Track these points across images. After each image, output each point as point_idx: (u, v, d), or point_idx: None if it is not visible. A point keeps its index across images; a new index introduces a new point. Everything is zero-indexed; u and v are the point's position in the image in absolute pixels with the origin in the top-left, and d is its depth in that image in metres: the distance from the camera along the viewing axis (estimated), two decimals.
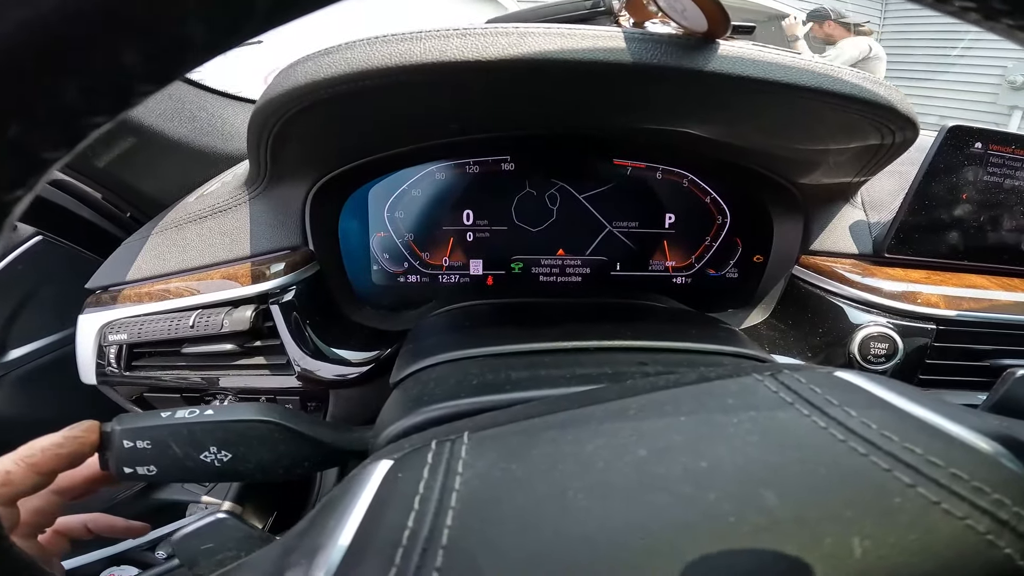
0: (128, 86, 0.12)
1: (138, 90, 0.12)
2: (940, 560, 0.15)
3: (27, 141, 0.11)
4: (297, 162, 0.49)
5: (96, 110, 0.12)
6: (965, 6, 0.14)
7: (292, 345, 0.51)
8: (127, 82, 0.11)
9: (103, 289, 0.56)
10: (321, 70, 0.33)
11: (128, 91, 0.12)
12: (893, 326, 0.52)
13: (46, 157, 0.12)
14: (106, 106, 0.12)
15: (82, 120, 0.12)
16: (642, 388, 0.24)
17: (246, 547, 0.28)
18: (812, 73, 0.35)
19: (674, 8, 0.31)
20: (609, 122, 0.50)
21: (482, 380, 0.31)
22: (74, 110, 0.11)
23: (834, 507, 0.16)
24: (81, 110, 0.12)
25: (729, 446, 0.19)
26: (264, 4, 0.11)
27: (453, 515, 0.17)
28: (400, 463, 0.21)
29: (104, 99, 0.12)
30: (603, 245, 0.61)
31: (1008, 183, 0.55)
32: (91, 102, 0.11)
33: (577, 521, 0.17)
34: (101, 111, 0.12)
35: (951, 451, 0.18)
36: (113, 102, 0.12)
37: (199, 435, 0.30)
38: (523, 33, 0.32)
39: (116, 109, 0.12)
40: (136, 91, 0.12)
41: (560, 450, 0.20)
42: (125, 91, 0.12)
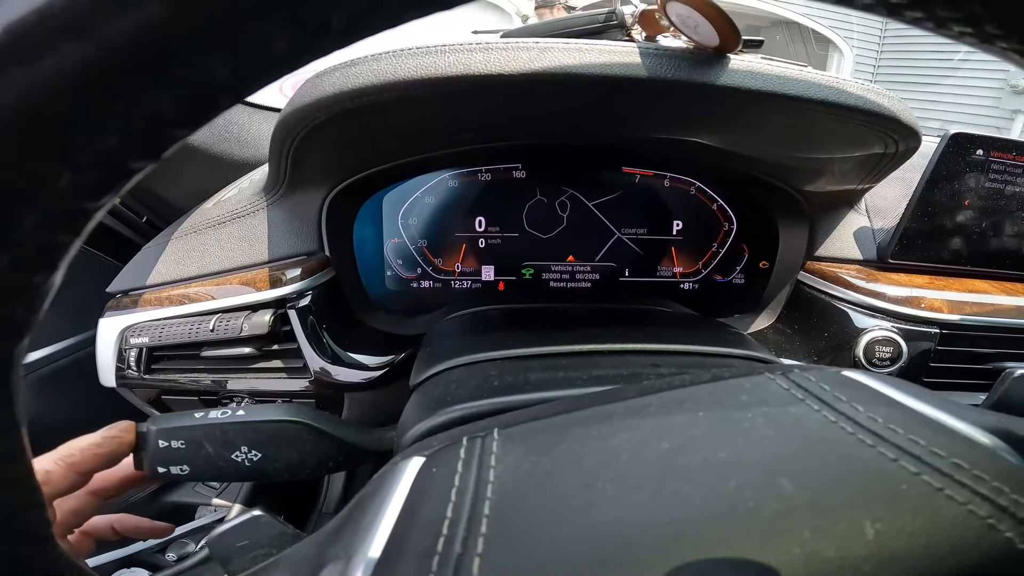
0: (214, 98, 0.12)
1: (221, 104, 0.13)
2: (945, 542, 0.16)
3: (121, 151, 0.12)
4: (316, 170, 0.51)
5: (185, 122, 0.13)
6: (962, 31, 0.15)
7: (308, 349, 0.52)
8: (214, 95, 0.12)
9: (124, 293, 0.57)
10: (348, 81, 0.35)
11: (213, 104, 0.13)
12: (897, 330, 0.53)
13: (134, 167, 0.13)
14: (192, 118, 0.13)
15: (171, 131, 0.13)
16: (660, 387, 0.25)
17: (278, 545, 0.29)
18: (819, 86, 0.36)
19: (686, 24, 0.32)
20: (621, 132, 0.52)
21: (503, 381, 0.32)
22: (165, 121, 0.12)
23: (846, 493, 0.17)
24: (172, 121, 0.12)
25: (745, 439, 0.20)
26: (338, 24, 0.12)
27: (490, 505, 0.18)
28: (433, 459, 0.22)
29: (192, 111, 0.12)
30: (612, 251, 0.63)
31: (1009, 189, 0.56)
32: (181, 113, 0.12)
33: (605, 510, 0.18)
34: (188, 123, 0.13)
35: (953, 443, 0.19)
36: (199, 114, 0.13)
37: (231, 435, 0.31)
38: (543, 48, 0.34)
39: (200, 121, 0.13)
40: (219, 104, 0.13)
41: (586, 445, 0.21)
42: (211, 103, 0.12)
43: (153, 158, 0.13)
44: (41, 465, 0.29)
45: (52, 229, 0.13)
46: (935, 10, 0.14)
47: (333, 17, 0.12)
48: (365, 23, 0.13)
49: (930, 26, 0.15)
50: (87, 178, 0.13)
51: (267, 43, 0.12)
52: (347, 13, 0.12)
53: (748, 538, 0.16)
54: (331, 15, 0.12)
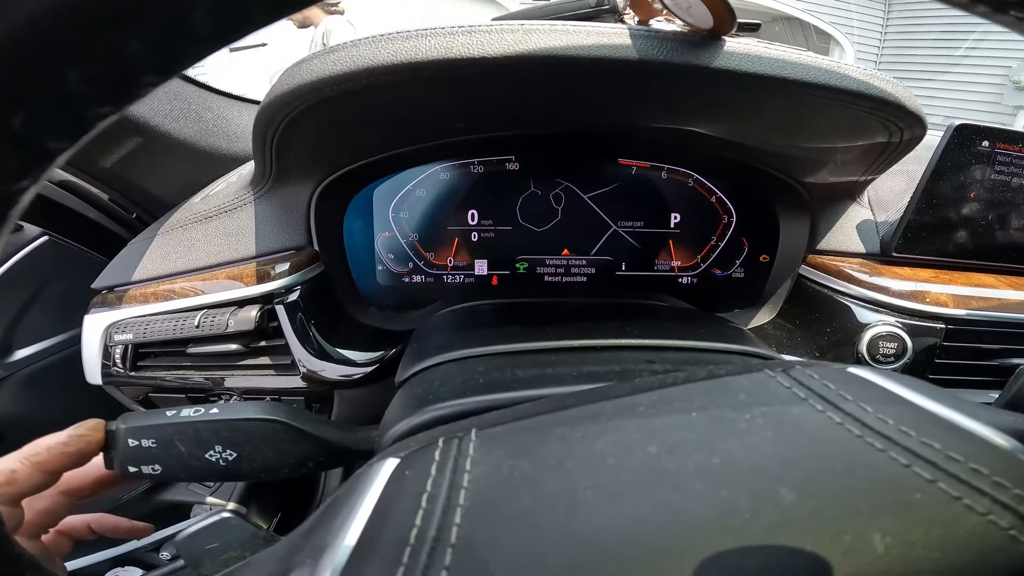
0: (133, 77, 0.12)
1: (143, 81, 0.12)
2: (964, 556, 0.15)
3: (33, 131, 0.11)
4: (302, 162, 0.50)
5: (101, 100, 0.12)
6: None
7: (297, 345, 0.51)
8: (132, 73, 0.11)
9: (109, 289, 0.56)
10: (327, 68, 0.34)
11: (133, 82, 0.12)
12: (902, 325, 0.52)
13: (51, 147, 0.12)
14: (111, 97, 0.12)
15: (87, 111, 0.12)
16: (651, 385, 0.24)
17: (251, 547, 0.28)
18: (819, 69, 0.35)
19: (679, 5, 0.31)
20: (615, 120, 0.50)
21: (488, 378, 0.31)
22: (79, 100, 0.11)
23: (853, 503, 0.16)
24: (86, 100, 0.11)
25: (742, 442, 0.18)
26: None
27: (462, 513, 0.17)
28: (407, 461, 0.21)
29: (109, 89, 0.12)
30: (608, 245, 0.61)
31: (1016, 181, 0.55)
32: (96, 92, 0.11)
33: (587, 519, 0.16)
34: (106, 102, 0.12)
35: (970, 447, 0.17)
36: (118, 93, 0.12)
37: (204, 434, 0.30)
38: (528, 30, 0.32)
39: (121, 100, 0.12)
40: (141, 82, 0.12)
41: (569, 447, 0.20)
42: (130, 82, 0.12)
43: (71, 140, 0.12)
44: (6, 464, 0.28)
45: None
46: None
47: None
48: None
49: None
50: (2, 162, 0.12)
51: (186, 18, 0.11)
52: None
53: (742, 551, 0.15)
54: None
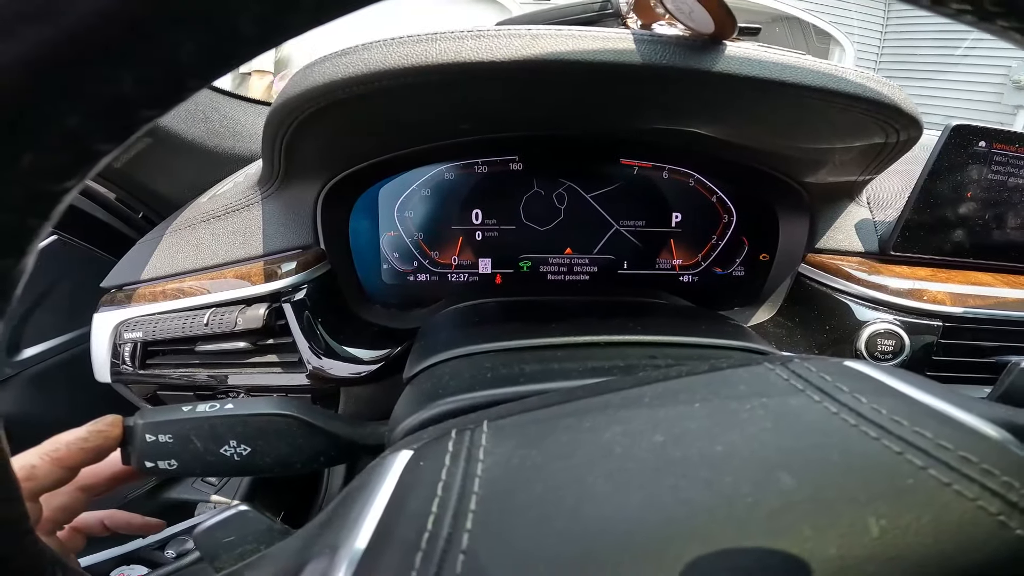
0: (181, 80, 0.12)
1: (189, 85, 0.12)
2: (954, 539, 0.15)
3: (84, 131, 0.12)
4: (310, 162, 0.50)
5: (150, 103, 0.12)
6: (961, 8, 0.14)
7: (304, 343, 0.52)
8: (181, 76, 0.12)
9: (118, 288, 0.57)
10: (339, 70, 0.34)
11: (181, 85, 0.12)
12: (900, 323, 0.53)
13: (100, 148, 0.13)
14: (159, 99, 0.12)
15: (136, 113, 0.12)
16: (655, 378, 0.24)
17: (266, 540, 0.28)
18: (817, 73, 0.35)
19: (681, 10, 0.31)
20: (618, 122, 0.51)
21: (496, 374, 0.31)
22: (130, 102, 0.12)
23: (849, 488, 0.16)
24: (136, 103, 0.12)
25: (743, 431, 0.19)
26: (309, 1, 0.12)
27: (476, 500, 0.18)
28: (421, 452, 0.22)
29: (158, 92, 0.12)
30: (610, 244, 0.62)
31: (1012, 181, 0.55)
32: (146, 95, 0.12)
33: (597, 505, 0.17)
34: (154, 104, 0.12)
35: (960, 436, 0.18)
36: (166, 96, 0.12)
37: (220, 429, 0.31)
38: (535, 35, 0.33)
39: (168, 103, 0.12)
40: (188, 86, 0.12)
41: (578, 437, 0.20)
42: (178, 85, 0.12)
43: (118, 141, 0.13)
44: (26, 460, 0.29)
45: (18, 212, 0.12)
46: None
47: None
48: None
49: (926, 3, 0.14)
50: (51, 160, 0.12)
51: (234, 22, 0.12)
52: None
53: (746, 535, 0.15)
54: None
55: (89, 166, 0.13)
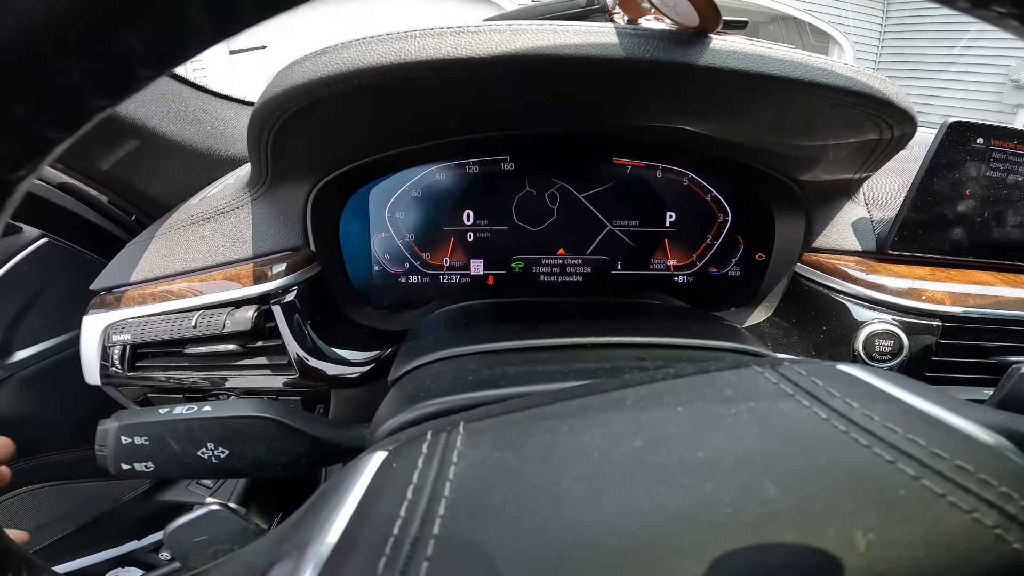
0: (131, 71, 0.12)
1: (140, 75, 0.12)
2: (947, 554, 0.14)
3: (33, 121, 0.12)
4: (298, 163, 0.50)
5: (100, 94, 0.12)
6: None
7: (293, 345, 0.51)
8: (130, 67, 0.12)
9: (107, 290, 0.56)
10: (318, 69, 0.34)
11: (131, 76, 0.12)
12: (898, 323, 0.52)
13: (51, 138, 0.12)
14: (109, 90, 0.12)
15: (86, 103, 0.12)
16: (640, 380, 0.24)
17: (239, 540, 0.28)
18: (805, 66, 0.35)
19: (666, 3, 0.31)
20: (606, 119, 0.50)
21: (478, 376, 0.31)
22: (79, 92, 0.12)
23: (836, 499, 0.16)
24: (86, 93, 0.12)
25: (728, 436, 0.18)
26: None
27: (446, 504, 0.17)
28: (395, 454, 0.21)
29: (107, 83, 0.12)
30: (604, 244, 0.61)
31: (1011, 179, 0.55)
32: (95, 85, 0.12)
33: (571, 511, 0.16)
34: (105, 95, 0.12)
35: (956, 444, 0.17)
36: (116, 86, 0.12)
37: (196, 431, 0.30)
38: (516, 30, 0.32)
39: (119, 94, 0.12)
40: (139, 76, 0.12)
41: (556, 440, 0.20)
42: (128, 76, 0.12)
43: (69, 131, 0.13)
44: None
45: None
46: None
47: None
48: None
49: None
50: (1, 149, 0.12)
51: (183, 14, 0.11)
52: None
53: (723, 546, 0.15)
54: None
55: (41, 156, 0.13)
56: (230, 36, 0.13)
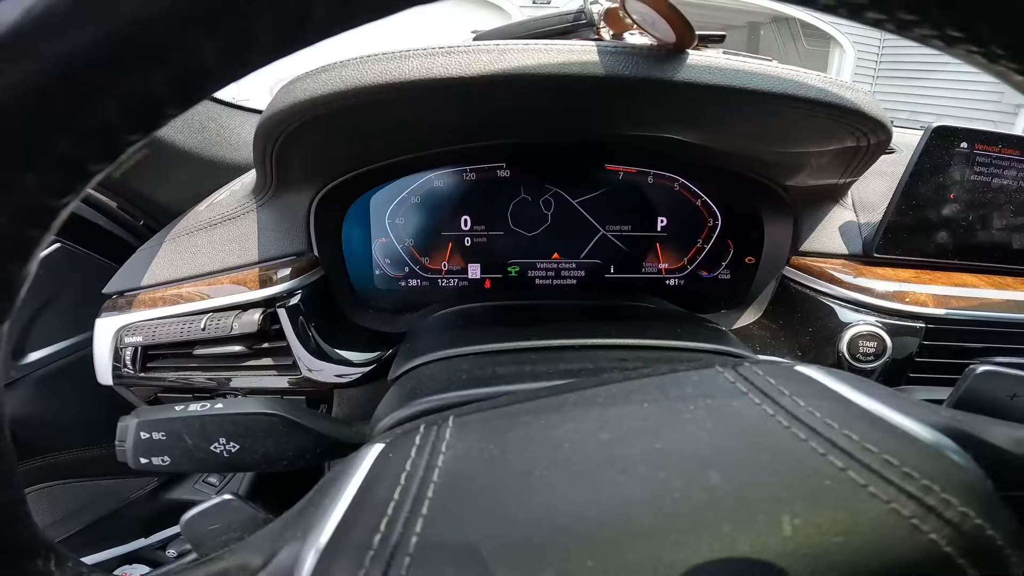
0: (158, 110, 0.14)
1: (167, 112, 0.14)
2: (865, 541, 0.16)
3: (76, 155, 0.14)
4: (301, 171, 0.52)
5: (133, 129, 0.14)
6: (925, 34, 0.15)
7: (298, 347, 0.53)
8: (158, 106, 0.14)
9: (119, 294, 0.59)
10: (318, 87, 0.36)
11: (158, 114, 0.14)
12: (882, 325, 0.53)
13: (91, 169, 0.14)
14: (141, 125, 0.14)
15: (121, 137, 0.14)
16: (613, 379, 0.26)
17: (249, 528, 0.30)
18: (777, 79, 0.36)
19: (645, 20, 0.33)
20: (595, 130, 0.52)
21: (471, 375, 0.33)
22: (115, 128, 0.14)
23: (771, 488, 0.17)
24: (121, 129, 0.14)
25: (683, 431, 0.20)
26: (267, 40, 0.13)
27: (434, 489, 0.19)
28: (391, 445, 0.23)
29: (139, 120, 0.14)
30: (597, 248, 0.63)
31: (996, 182, 0.55)
32: (129, 122, 0.14)
33: (540, 496, 0.18)
34: (137, 130, 0.14)
35: (888, 439, 0.19)
36: (146, 122, 0.14)
37: (210, 427, 0.32)
38: (503, 50, 0.34)
39: (148, 128, 0.14)
40: (165, 113, 0.14)
41: (533, 432, 0.22)
42: (156, 114, 0.14)
43: (107, 161, 0.15)
44: None
45: (22, 224, 0.14)
46: (896, 12, 0.14)
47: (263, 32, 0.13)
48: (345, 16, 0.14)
49: (891, 28, 0.15)
50: (50, 179, 0.14)
51: (200, 59, 0.13)
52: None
53: (669, 527, 0.16)
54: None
55: (83, 184, 0.15)
56: (245, 76, 0.15)
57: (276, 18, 0.13)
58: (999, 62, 0.14)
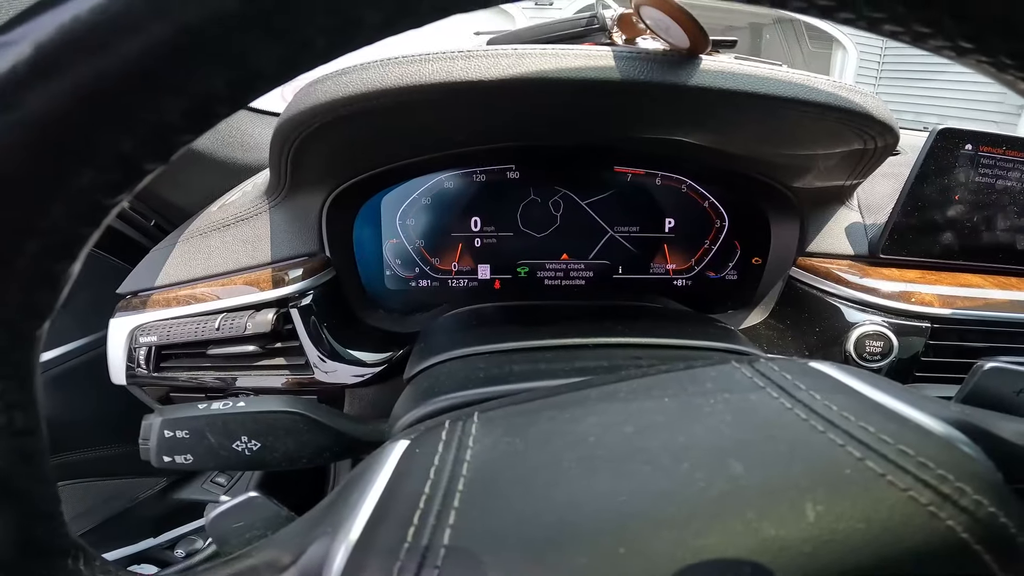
0: (214, 110, 0.14)
1: (220, 113, 0.14)
2: (885, 527, 0.16)
3: (135, 154, 0.14)
4: (315, 173, 0.53)
5: (188, 129, 0.14)
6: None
7: (310, 347, 0.54)
8: (214, 106, 0.14)
9: (133, 294, 0.59)
10: (340, 89, 0.37)
11: (213, 114, 0.14)
12: (888, 325, 0.54)
13: (147, 168, 0.15)
14: (195, 126, 0.14)
15: (177, 137, 0.14)
16: (632, 375, 0.26)
17: (273, 526, 0.30)
18: (788, 84, 0.37)
19: (660, 26, 0.33)
20: (607, 132, 0.53)
21: (488, 373, 0.33)
22: (173, 129, 0.14)
23: (793, 477, 0.18)
24: (178, 129, 0.14)
25: (704, 424, 0.21)
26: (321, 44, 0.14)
27: (464, 482, 0.20)
28: (417, 441, 0.24)
29: (198, 119, 0.14)
30: (605, 249, 0.64)
31: (1000, 183, 0.56)
32: (186, 123, 0.14)
33: (569, 486, 0.19)
34: (192, 130, 0.14)
35: (903, 431, 0.19)
36: (201, 123, 0.14)
37: (232, 425, 0.33)
38: (521, 55, 0.35)
39: (202, 128, 0.15)
40: (218, 114, 0.14)
41: (557, 427, 0.22)
42: (210, 114, 0.14)
43: (163, 160, 0.15)
44: None
45: (75, 221, 0.15)
46: (912, 26, 0.14)
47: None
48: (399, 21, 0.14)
49: (907, 39, 0.15)
50: (106, 177, 0.14)
51: (257, 64, 0.14)
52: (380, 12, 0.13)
53: (697, 515, 0.17)
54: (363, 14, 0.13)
55: (136, 182, 0.15)
56: (299, 75, 0.15)
57: (332, 22, 0.13)
58: (1007, 71, 0.15)
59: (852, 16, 0.15)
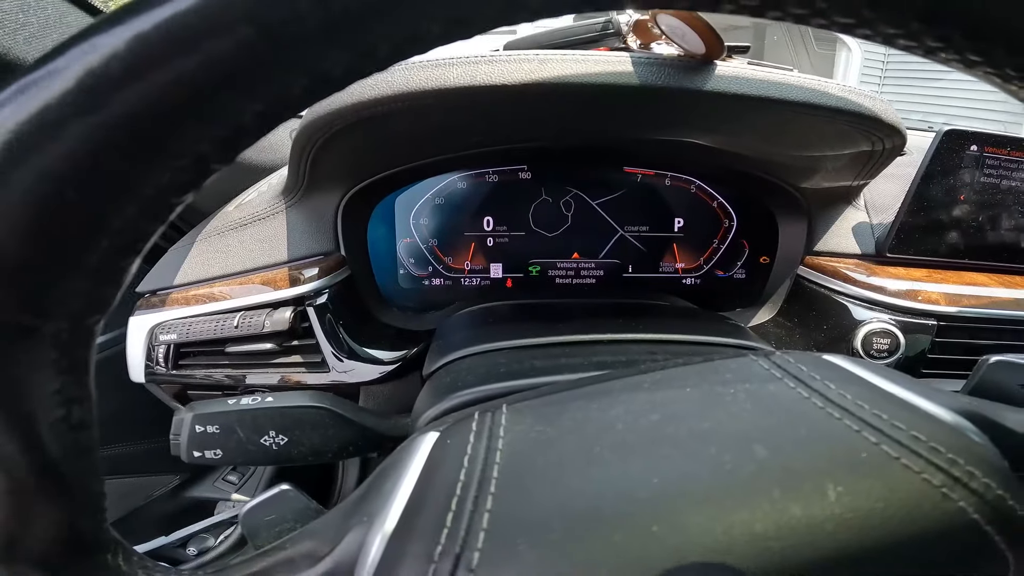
0: (282, 112, 0.15)
1: (284, 116, 0.15)
2: (901, 507, 0.17)
3: (208, 153, 0.14)
4: (332, 173, 0.54)
5: (259, 129, 0.15)
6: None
7: (326, 344, 0.55)
8: (283, 110, 0.15)
9: (152, 293, 0.60)
10: (365, 92, 0.38)
11: (279, 116, 0.15)
12: (895, 322, 0.55)
13: (213, 168, 0.15)
14: (266, 127, 0.15)
15: (247, 138, 0.15)
16: (654, 368, 0.27)
17: (304, 518, 0.31)
18: (801, 89, 0.38)
19: (675, 33, 0.34)
20: (620, 134, 0.54)
21: (509, 368, 0.34)
22: (247, 129, 0.14)
23: (812, 459, 0.19)
24: (251, 129, 0.14)
25: (727, 411, 0.22)
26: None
27: (498, 469, 0.21)
28: (447, 432, 0.25)
29: (269, 121, 0.15)
30: (616, 248, 0.65)
31: (1005, 184, 0.57)
32: (260, 122, 0.14)
33: (602, 470, 0.20)
34: (261, 130, 0.15)
35: (914, 418, 0.21)
36: (271, 123, 0.15)
37: (261, 420, 0.34)
38: (543, 60, 0.36)
39: (267, 130, 0.15)
40: (283, 117, 0.15)
41: (586, 415, 0.23)
42: (278, 116, 0.15)
43: (228, 161, 0.15)
44: None
45: (146, 219, 0.15)
46: (925, 41, 0.15)
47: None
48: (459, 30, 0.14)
49: (920, 52, 0.16)
50: (182, 177, 0.15)
51: (327, 70, 0.14)
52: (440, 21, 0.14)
53: (726, 495, 0.18)
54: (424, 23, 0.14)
55: (202, 182, 0.16)
56: (362, 78, 0.16)
57: (396, 34, 0.14)
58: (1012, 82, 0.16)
59: (870, 32, 0.16)
